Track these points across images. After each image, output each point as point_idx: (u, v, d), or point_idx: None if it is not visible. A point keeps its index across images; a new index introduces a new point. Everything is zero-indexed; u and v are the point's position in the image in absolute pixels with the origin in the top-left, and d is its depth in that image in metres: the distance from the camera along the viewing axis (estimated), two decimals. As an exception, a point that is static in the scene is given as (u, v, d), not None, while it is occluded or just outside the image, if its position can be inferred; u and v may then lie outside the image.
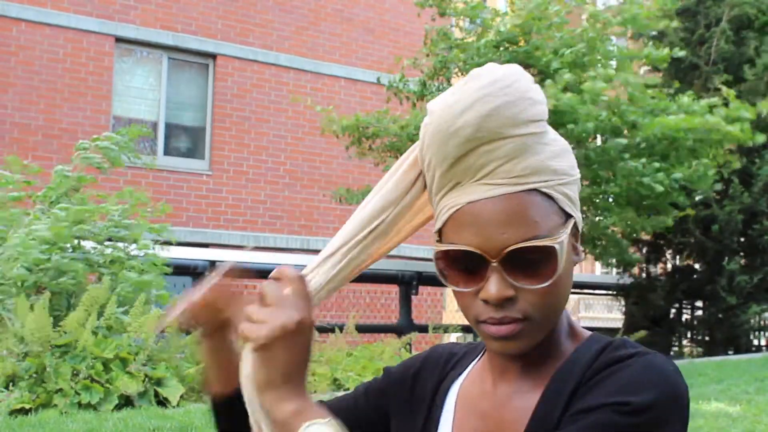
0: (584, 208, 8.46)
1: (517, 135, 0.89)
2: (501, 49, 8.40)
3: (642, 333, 9.26)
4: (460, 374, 1.05)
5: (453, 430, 1.00)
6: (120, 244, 6.10)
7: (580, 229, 0.96)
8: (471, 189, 0.90)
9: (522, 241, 0.88)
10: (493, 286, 0.89)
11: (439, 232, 0.94)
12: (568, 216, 0.93)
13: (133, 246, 6.12)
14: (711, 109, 7.87)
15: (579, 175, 0.97)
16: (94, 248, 5.94)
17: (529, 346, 0.92)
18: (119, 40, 10.88)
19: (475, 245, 0.89)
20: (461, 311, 0.96)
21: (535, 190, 0.90)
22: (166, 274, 6.38)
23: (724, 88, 8.24)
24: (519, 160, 0.89)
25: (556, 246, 0.89)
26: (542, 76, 7.89)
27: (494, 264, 0.89)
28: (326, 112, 8.85)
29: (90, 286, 5.46)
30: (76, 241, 5.78)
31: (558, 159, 0.92)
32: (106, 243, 6.02)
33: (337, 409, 1.03)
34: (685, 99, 7.90)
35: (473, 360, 1.06)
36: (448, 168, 0.91)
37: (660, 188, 7.47)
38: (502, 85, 0.89)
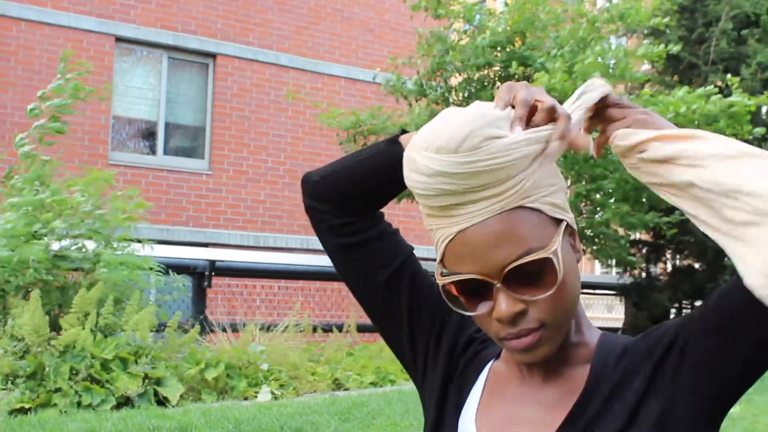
0: (581, 204, 8.44)
1: (490, 168, 0.90)
2: (497, 49, 8.39)
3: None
4: (494, 354, 1.10)
5: (479, 407, 1.05)
6: (101, 233, 5.93)
7: (574, 227, 1.00)
8: (459, 217, 0.92)
9: (517, 259, 0.91)
10: (503, 305, 0.93)
11: (442, 262, 0.97)
12: (559, 221, 0.96)
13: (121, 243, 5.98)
14: (707, 98, 7.84)
15: (563, 182, 0.99)
16: (76, 245, 5.80)
17: (553, 350, 0.97)
18: (119, 39, 10.88)
19: (476, 271, 0.93)
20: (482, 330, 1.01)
21: (520, 207, 0.92)
22: (165, 273, 6.35)
23: (728, 76, 8.19)
24: (497, 185, 0.91)
25: (551, 256, 0.92)
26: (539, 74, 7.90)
27: (498, 285, 0.92)
28: (329, 108, 8.86)
29: (81, 286, 5.40)
30: (50, 237, 5.58)
31: (538, 174, 0.93)
32: (85, 231, 5.85)
33: (426, 289, 1.12)
34: (680, 92, 7.88)
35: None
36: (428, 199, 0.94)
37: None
38: (462, 160, 0.90)
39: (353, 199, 1.10)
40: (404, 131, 1.11)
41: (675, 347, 0.94)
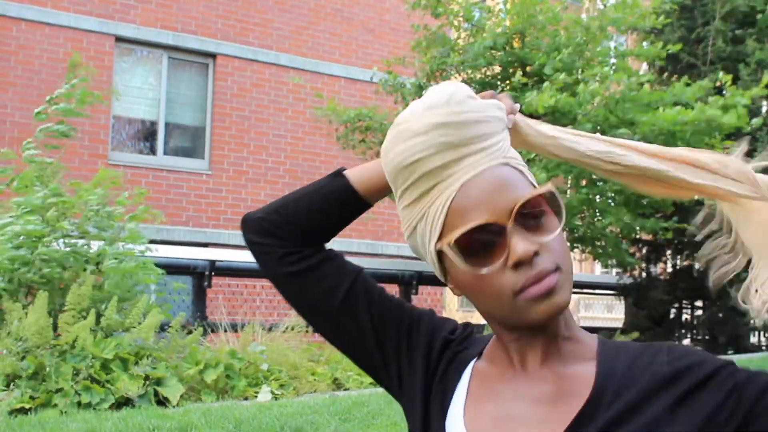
0: (583, 208, 8.45)
1: (478, 119, 0.99)
2: (497, 50, 8.39)
3: (635, 335, 9.32)
4: (475, 354, 1.09)
5: (466, 407, 1.04)
6: (106, 233, 5.94)
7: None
8: (458, 173, 0.97)
9: (522, 197, 0.95)
10: (519, 245, 0.94)
11: (440, 238, 0.98)
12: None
13: (125, 243, 5.98)
14: (705, 95, 7.84)
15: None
16: (83, 243, 5.79)
17: (567, 301, 0.97)
18: (119, 39, 10.88)
19: (485, 219, 0.94)
20: (493, 304, 0.98)
21: (507, 164, 0.99)
22: (168, 273, 6.35)
23: (721, 74, 8.17)
24: (486, 139, 0.99)
25: (553, 190, 0.97)
26: (537, 77, 7.88)
27: (510, 227, 0.94)
28: (328, 101, 8.86)
29: (74, 285, 5.40)
30: (53, 236, 5.59)
31: (509, 142, 1.03)
32: (91, 233, 5.86)
33: (384, 301, 1.13)
34: (678, 86, 7.88)
35: (484, 344, 1.11)
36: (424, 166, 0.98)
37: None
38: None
39: (300, 231, 1.12)
40: (343, 168, 1.16)
41: (715, 395, 0.94)
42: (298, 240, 1.12)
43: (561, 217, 0.97)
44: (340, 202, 1.13)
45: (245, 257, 8.95)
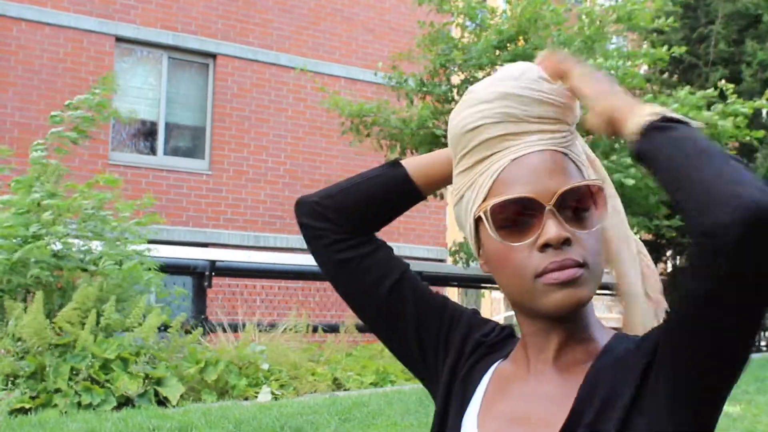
0: None
1: (546, 100, 1.01)
2: (500, 49, 8.38)
3: None
4: (501, 356, 1.10)
5: (482, 406, 1.04)
6: (109, 234, 5.93)
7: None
8: (513, 147, 0.98)
9: (568, 185, 0.95)
10: (552, 228, 0.94)
11: (483, 203, 1.00)
12: None
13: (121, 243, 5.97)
14: (709, 106, 7.83)
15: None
16: (82, 246, 5.78)
17: (588, 297, 0.97)
18: (119, 39, 10.88)
19: (528, 192, 0.95)
20: (513, 283, 0.98)
21: (566, 155, 0.99)
22: (165, 272, 6.35)
23: (722, 82, 8.15)
24: (550, 123, 1.00)
25: (602, 185, 0.98)
26: None
27: (549, 208, 0.94)
28: (332, 95, 8.85)
29: (82, 283, 5.39)
30: (49, 237, 5.57)
31: (578, 143, 1.03)
32: (89, 234, 5.86)
33: (428, 296, 1.14)
34: (682, 93, 7.87)
35: (514, 346, 1.11)
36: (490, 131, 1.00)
37: (630, 182, 7.26)
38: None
39: (355, 217, 1.13)
40: (399, 159, 1.17)
41: (651, 366, 0.92)
42: (351, 227, 1.13)
43: (603, 216, 0.98)
44: (396, 191, 1.14)
45: (245, 257, 8.96)
